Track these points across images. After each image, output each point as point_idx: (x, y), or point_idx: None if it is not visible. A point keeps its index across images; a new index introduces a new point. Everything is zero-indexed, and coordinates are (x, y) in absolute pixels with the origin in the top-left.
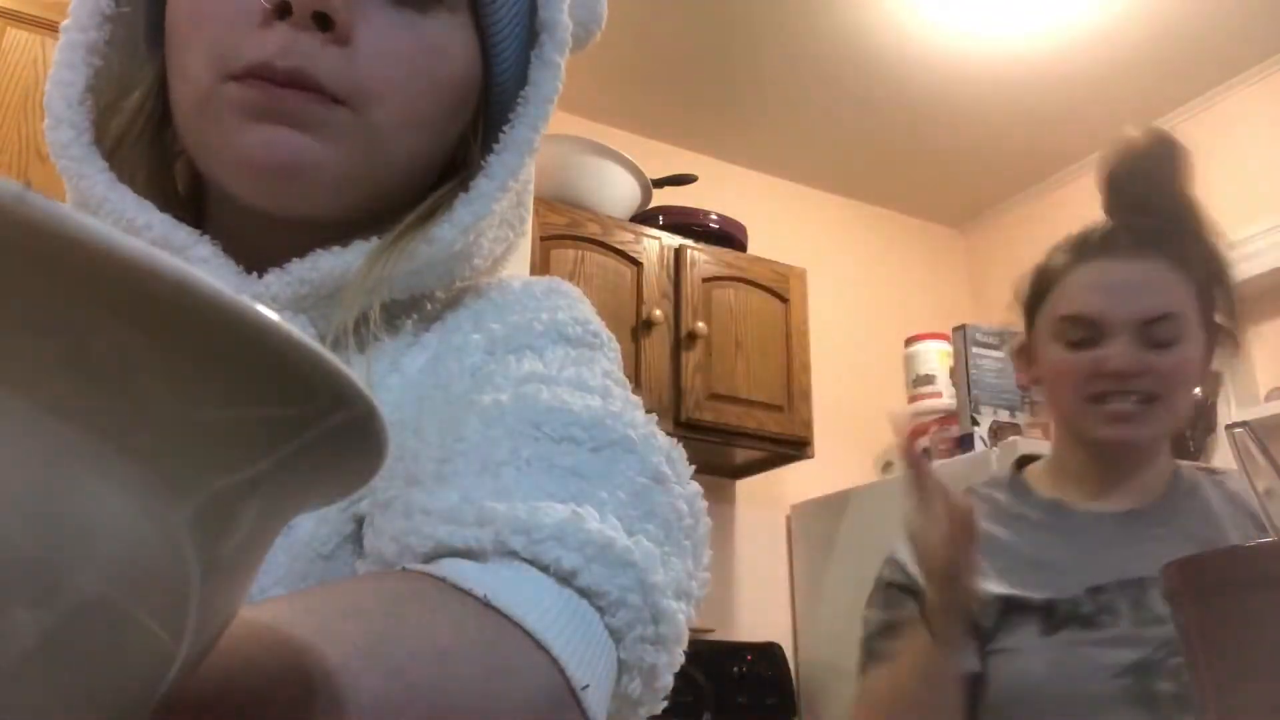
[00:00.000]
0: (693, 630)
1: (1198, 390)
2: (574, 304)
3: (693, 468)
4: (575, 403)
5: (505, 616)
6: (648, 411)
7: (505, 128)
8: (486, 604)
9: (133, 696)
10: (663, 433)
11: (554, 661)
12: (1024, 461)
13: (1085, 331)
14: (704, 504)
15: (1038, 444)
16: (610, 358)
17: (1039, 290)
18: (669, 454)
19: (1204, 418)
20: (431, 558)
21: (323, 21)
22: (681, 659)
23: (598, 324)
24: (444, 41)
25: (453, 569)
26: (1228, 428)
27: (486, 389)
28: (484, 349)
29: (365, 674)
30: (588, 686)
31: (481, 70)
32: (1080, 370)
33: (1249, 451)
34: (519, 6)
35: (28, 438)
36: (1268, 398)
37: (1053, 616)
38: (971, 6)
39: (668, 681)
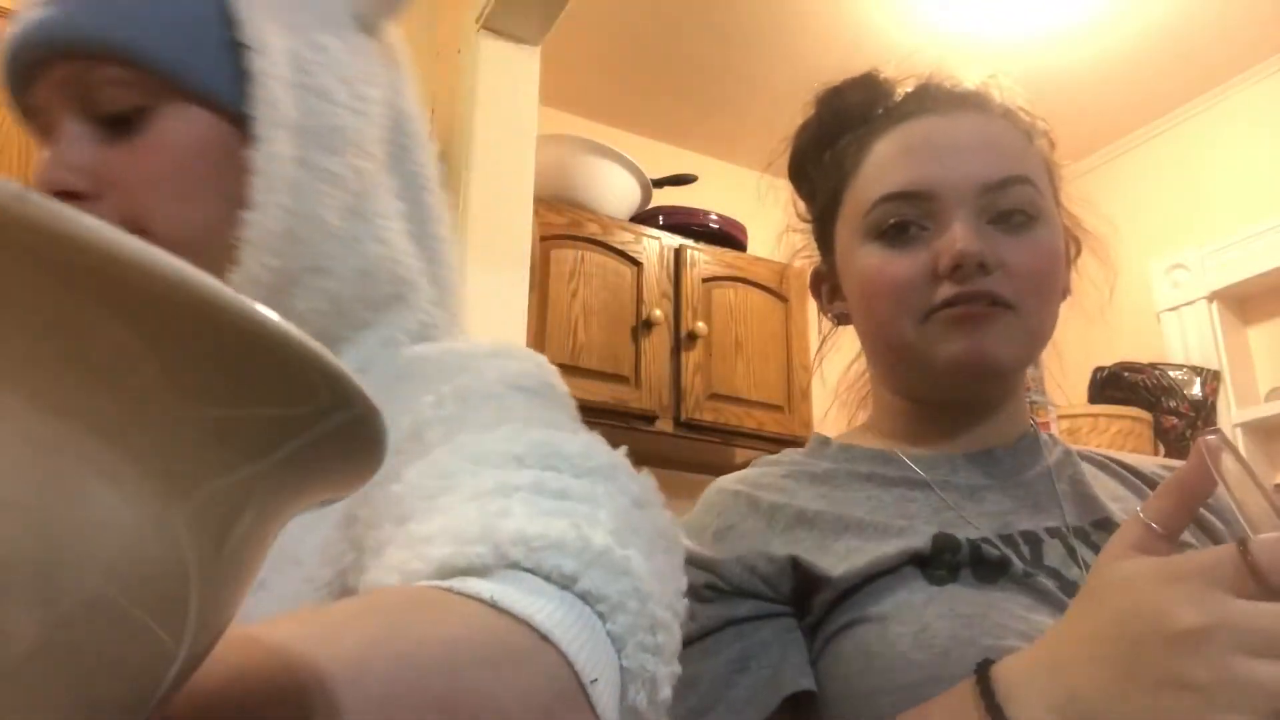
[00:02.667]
0: None
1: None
2: (524, 362)
3: (659, 493)
4: (552, 437)
5: (512, 616)
6: (648, 412)
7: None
8: (493, 605)
9: (133, 696)
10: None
11: (562, 655)
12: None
13: (912, 211)
14: (679, 532)
15: None
16: (569, 411)
17: (832, 186)
18: (644, 483)
19: (1204, 417)
20: (435, 579)
21: (71, 195)
22: (678, 671)
23: (552, 378)
24: (157, 141)
25: (457, 581)
26: (1198, 434)
27: (459, 433)
28: (436, 406)
29: (374, 661)
30: (596, 680)
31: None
32: (912, 272)
33: (1219, 459)
34: (211, 50)
35: (28, 438)
36: (1268, 398)
37: (936, 564)
38: (971, 7)
39: (668, 694)
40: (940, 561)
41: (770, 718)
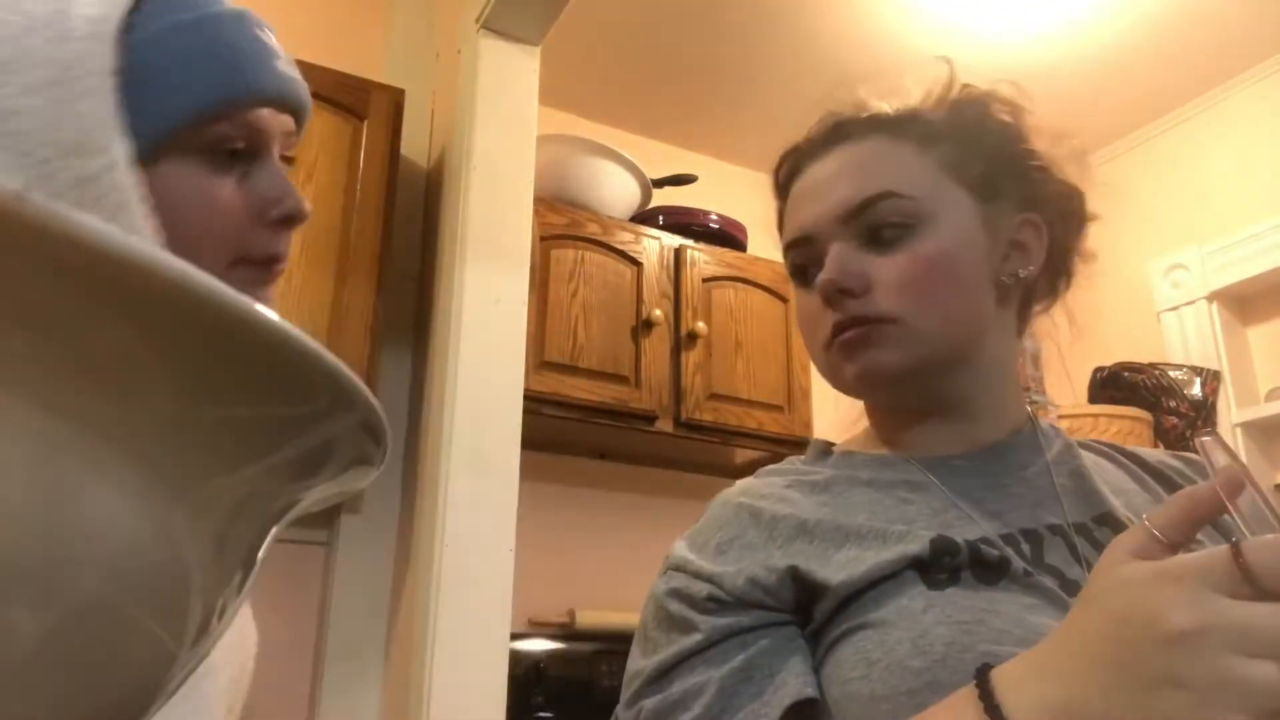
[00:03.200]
0: None
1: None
2: None
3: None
4: None
5: None
6: (648, 412)
7: None
8: None
9: (133, 695)
10: None
11: None
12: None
13: (804, 255)
14: None
15: None
16: None
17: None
18: None
19: (1204, 417)
20: None
21: None
22: None
23: None
24: None
25: None
26: (1197, 434)
27: None
28: None
29: None
30: None
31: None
32: (812, 309)
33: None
34: None
35: (28, 438)
36: (1268, 398)
37: (935, 568)
38: (972, 7)
39: None
40: (940, 565)
41: None
